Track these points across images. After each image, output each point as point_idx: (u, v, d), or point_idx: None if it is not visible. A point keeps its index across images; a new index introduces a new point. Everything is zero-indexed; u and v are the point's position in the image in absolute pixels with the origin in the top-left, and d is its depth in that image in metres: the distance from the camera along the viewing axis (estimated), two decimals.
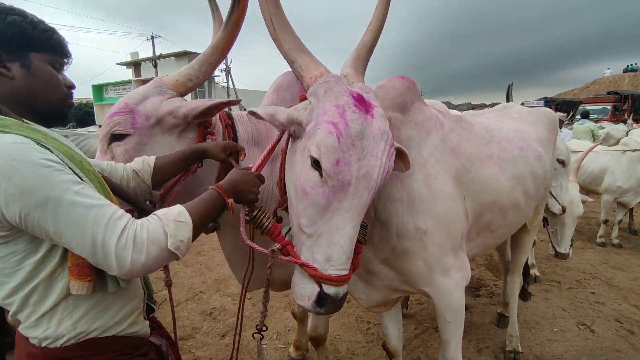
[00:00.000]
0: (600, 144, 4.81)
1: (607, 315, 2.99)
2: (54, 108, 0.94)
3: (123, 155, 1.25)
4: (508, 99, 3.52)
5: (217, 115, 1.45)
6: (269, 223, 1.06)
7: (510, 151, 1.68)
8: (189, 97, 1.50)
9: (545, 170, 1.91)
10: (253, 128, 1.60)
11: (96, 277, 0.84)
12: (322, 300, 0.97)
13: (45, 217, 0.73)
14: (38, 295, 0.82)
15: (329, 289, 0.95)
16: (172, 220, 0.84)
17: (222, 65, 29.00)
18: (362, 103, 0.97)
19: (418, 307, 3.22)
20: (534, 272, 3.65)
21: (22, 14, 0.87)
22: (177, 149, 1.34)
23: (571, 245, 3.08)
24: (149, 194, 1.25)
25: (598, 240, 4.62)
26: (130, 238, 0.77)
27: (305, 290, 0.98)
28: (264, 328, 1.18)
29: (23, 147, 0.74)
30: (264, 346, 1.54)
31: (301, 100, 1.10)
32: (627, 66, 29.35)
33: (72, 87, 0.98)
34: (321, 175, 0.92)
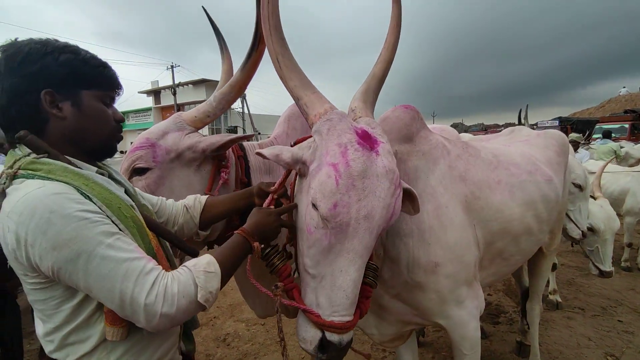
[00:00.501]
0: (614, 159, 4.73)
1: (638, 346, 2.83)
2: (104, 144, 0.95)
3: (144, 189, 1.29)
4: (520, 122, 3.52)
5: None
6: (279, 263, 1.04)
7: (518, 176, 1.66)
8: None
9: (557, 194, 1.88)
10: None
11: (130, 322, 0.82)
12: (324, 346, 0.94)
13: (76, 271, 0.74)
14: (76, 337, 0.82)
15: (332, 336, 0.93)
16: (202, 271, 0.84)
17: None
18: (367, 140, 0.95)
19: (434, 335, 3.12)
20: (555, 297, 3.52)
21: (74, 51, 0.88)
22: (194, 181, 1.39)
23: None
24: (196, 234, 1.24)
25: (623, 264, 4.43)
26: (160, 293, 0.77)
27: (307, 334, 0.95)
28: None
29: (61, 198, 0.74)
30: None
31: None
32: None
33: (121, 120, 0.99)
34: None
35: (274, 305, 1.00)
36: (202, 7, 1.79)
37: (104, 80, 0.93)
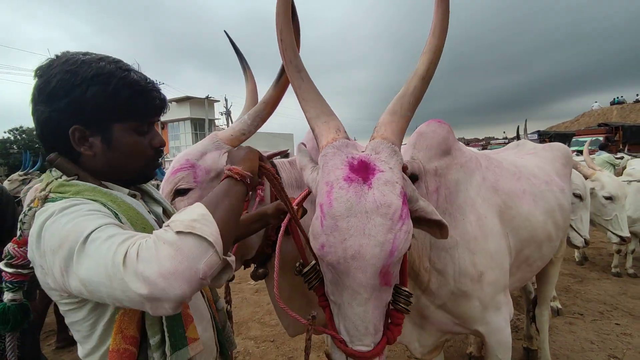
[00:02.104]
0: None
1: (637, 347, 2.95)
2: (135, 174, 0.92)
3: None
4: (519, 137, 3.71)
5: None
6: (316, 282, 1.05)
7: (538, 186, 1.76)
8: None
9: (568, 202, 2.00)
10: (295, 173, 1.69)
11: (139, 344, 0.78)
12: None
13: (71, 268, 0.66)
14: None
15: None
16: (180, 212, 0.72)
17: (222, 109, 29.94)
18: (361, 171, 0.86)
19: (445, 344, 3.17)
20: (555, 304, 3.64)
21: (105, 81, 0.80)
22: None
23: None
24: None
25: (613, 270, 4.61)
26: (134, 249, 0.63)
27: (336, 356, 0.95)
28: None
29: (79, 204, 0.72)
30: None
31: None
32: (614, 99, 30.73)
33: (160, 145, 0.93)
34: None
35: (308, 330, 1.03)
36: (225, 31, 1.81)
37: (138, 109, 0.86)
